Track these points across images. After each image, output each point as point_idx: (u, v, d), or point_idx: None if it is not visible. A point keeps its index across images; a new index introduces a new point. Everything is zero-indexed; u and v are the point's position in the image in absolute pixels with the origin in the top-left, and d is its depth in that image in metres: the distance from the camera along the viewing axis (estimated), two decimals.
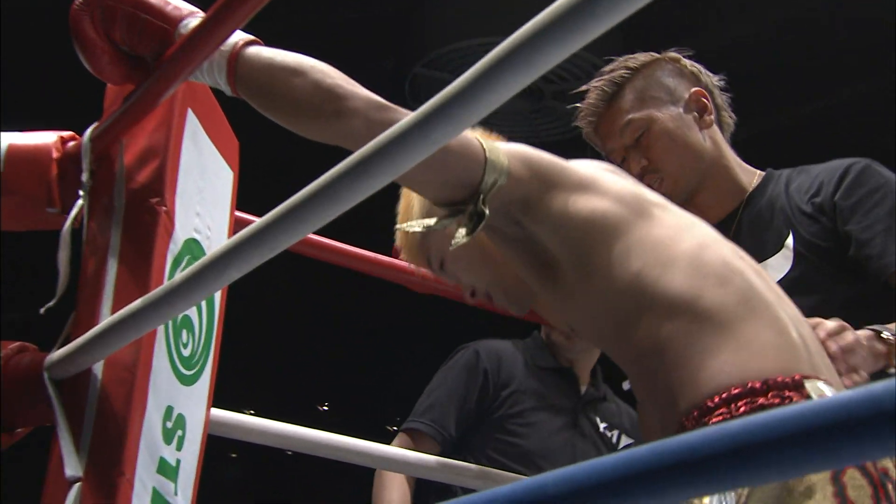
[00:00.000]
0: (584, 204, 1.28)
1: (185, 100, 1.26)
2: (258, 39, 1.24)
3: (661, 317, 1.19)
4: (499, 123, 4.76)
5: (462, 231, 1.26)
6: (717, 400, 1.11)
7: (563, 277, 1.30)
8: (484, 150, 1.25)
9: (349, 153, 0.91)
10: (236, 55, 1.22)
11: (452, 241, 1.25)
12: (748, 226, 1.74)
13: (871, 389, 0.46)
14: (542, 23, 0.72)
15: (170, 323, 1.21)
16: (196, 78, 1.23)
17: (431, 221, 1.28)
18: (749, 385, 1.11)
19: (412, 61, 4.53)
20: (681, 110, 1.80)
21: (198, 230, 1.28)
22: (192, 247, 1.26)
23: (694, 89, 1.81)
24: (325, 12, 4.58)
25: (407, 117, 0.83)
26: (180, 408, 1.23)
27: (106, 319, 1.10)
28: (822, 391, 1.12)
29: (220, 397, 1.38)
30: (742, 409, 1.09)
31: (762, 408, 1.09)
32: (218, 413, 1.51)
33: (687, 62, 1.86)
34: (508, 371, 2.36)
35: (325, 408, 6.84)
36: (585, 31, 0.70)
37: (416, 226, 1.30)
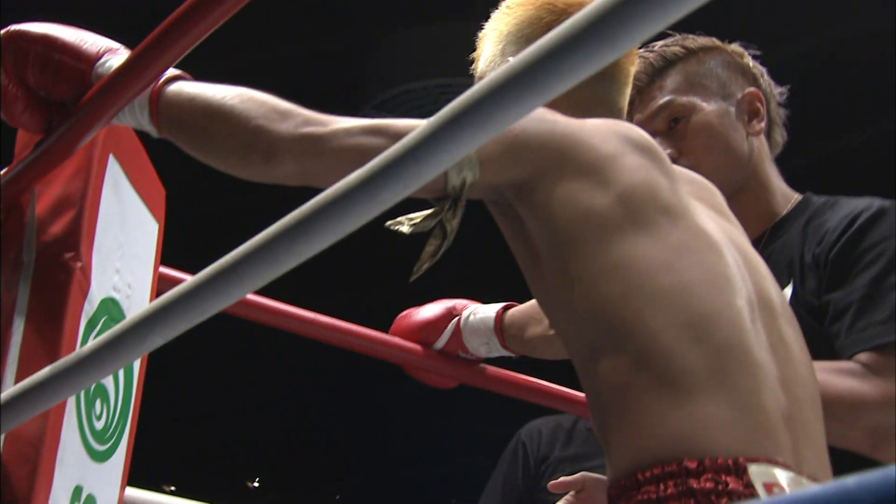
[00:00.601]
0: (583, 198, 1.20)
1: (107, 144, 1.25)
2: (184, 73, 1.24)
3: (626, 362, 1.14)
4: None
5: (433, 243, 1.25)
6: (647, 475, 1.09)
7: (543, 274, 1.25)
8: None
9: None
10: (157, 93, 1.21)
11: (425, 251, 1.26)
12: (766, 260, 1.66)
13: (843, 485, 0.45)
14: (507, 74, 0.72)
15: (81, 392, 1.20)
16: (118, 120, 1.23)
17: (417, 217, 1.26)
18: (684, 463, 1.07)
19: (362, 103, 4.56)
20: (730, 108, 1.73)
21: (117, 288, 1.28)
22: (110, 307, 1.26)
23: (750, 89, 1.75)
24: (271, 51, 4.60)
25: (355, 175, 0.81)
26: (90, 487, 1.21)
27: (9, 389, 1.08)
28: (774, 478, 1.08)
29: (136, 474, 1.36)
30: (670, 489, 1.06)
31: (692, 492, 1.06)
32: (134, 493, 1.49)
33: (750, 60, 1.79)
34: (548, 442, 2.41)
35: (256, 485, 6.76)
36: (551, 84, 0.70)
37: (403, 224, 1.28)
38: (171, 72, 1.22)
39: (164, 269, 1.47)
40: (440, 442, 6.45)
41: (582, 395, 1.88)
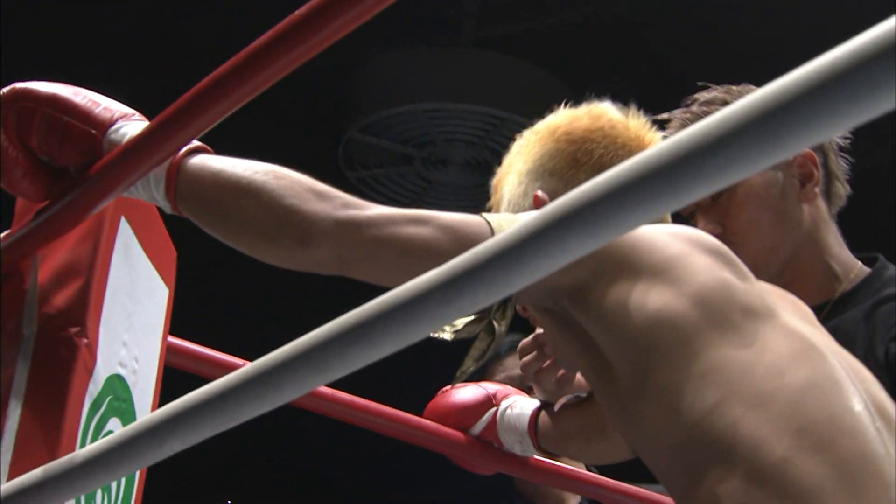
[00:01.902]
0: (653, 300, 1.05)
1: (119, 205, 1.10)
2: (204, 145, 1.10)
3: (738, 481, 0.96)
4: (442, 199, 4.66)
5: (483, 343, 1.13)
6: None
7: (618, 386, 1.08)
8: (492, 234, 1.06)
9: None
10: (177, 166, 1.06)
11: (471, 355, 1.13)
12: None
13: None
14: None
15: None
16: (128, 193, 1.07)
17: (460, 323, 1.14)
18: None
19: (348, 125, 4.42)
20: (779, 174, 1.54)
21: (123, 363, 1.12)
22: (115, 385, 1.11)
23: (804, 151, 1.54)
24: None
25: (431, 276, 0.67)
26: None
27: (2, 485, 0.93)
28: None
29: None
30: None
31: None
32: None
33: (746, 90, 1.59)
34: None
35: None
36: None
37: (444, 331, 1.15)
38: (191, 143, 1.08)
39: (171, 339, 1.32)
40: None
41: (641, 491, 1.74)
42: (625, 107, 1.37)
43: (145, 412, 1.16)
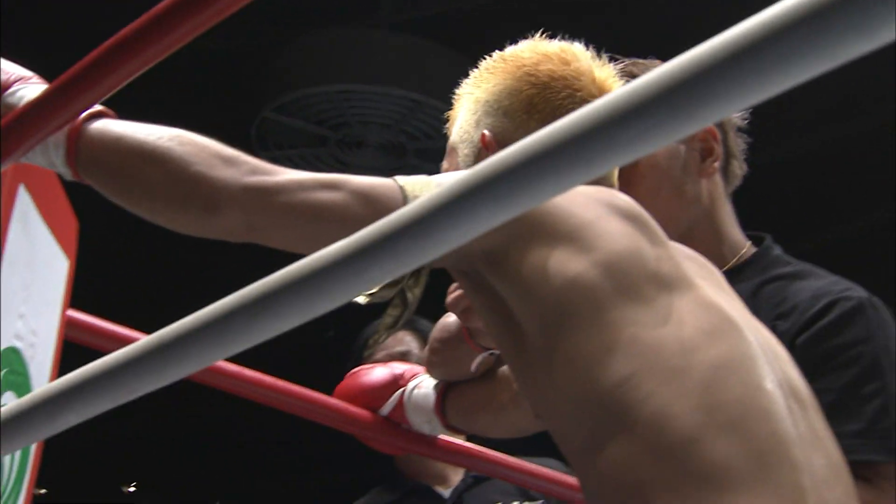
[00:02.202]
0: (566, 267, 1.02)
1: (17, 173, 1.05)
2: (107, 110, 1.05)
3: (640, 448, 0.94)
4: None
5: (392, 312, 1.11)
6: None
7: (528, 350, 1.06)
8: (405, 201, 1.03)
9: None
10: (77, 131, 1.01)
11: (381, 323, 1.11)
12: None
13: None
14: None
15: None
16: (26, 159, 1.03)
17: (373, 288, 1.10)
18: None
19: (261, 104, 4.35)
20: (682, 147, 1.53)
21: (20, 336, 1.08)
22: (11, 358, 1.06)
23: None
24: None
25: (339, 247, 0.64)
26: None
27: None
28: None
29: None
30: None
31: None
32: None
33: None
34: None
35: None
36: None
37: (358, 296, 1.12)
38: (93, 108, 1.03)
39: (72, 313, 1.27)
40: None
41: (539, 468, 1.72)
42: (597, 52, 1.32)
43: (42, 385, 1.12)
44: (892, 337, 1.39)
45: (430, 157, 4.47)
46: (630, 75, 1.51)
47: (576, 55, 1.28)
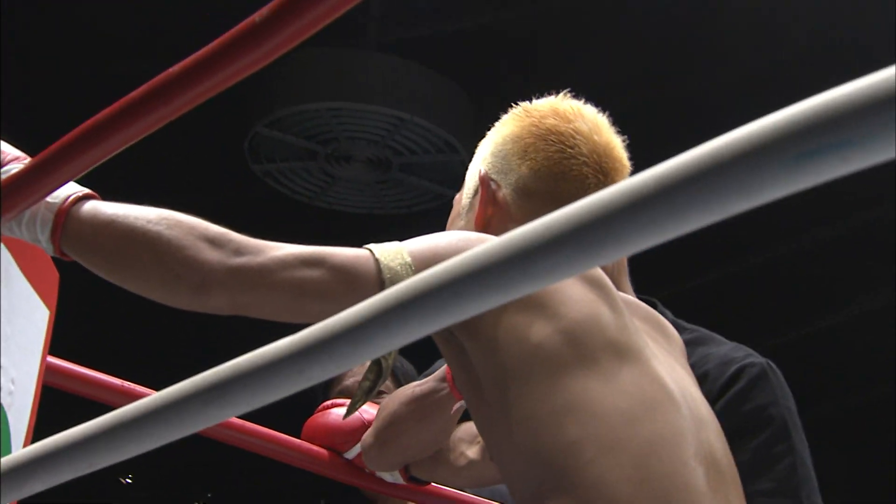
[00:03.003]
0: (530, 335, 1.06)
1: None
2: (93, 193, 1.07)
3: None
4: (345, 194, 4.63)
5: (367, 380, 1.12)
6: None
7: (487, 407, 1.10)
8: (380, 274, 1.06)
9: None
10: (66, 212, 1.04)
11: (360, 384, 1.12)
12: None
13: None
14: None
15: None
16: (10, 232, 1.04)
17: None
18: None
19: (254, 120, 4.36)
20: None
21: None
22: None
23: None
24: (166, 63, 4.37)
25: (281, 344, 0.66)
26: None
27: None
28: None
29: None
30: None
31: None
32: None
33: None
34: None
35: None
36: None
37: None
38: (79, 189, 1.06)
39: (52, 360, 1.28)
40: None
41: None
42: (614, 119, 1.33)
43: (20, 433, 1.13)
44: (790, 398, 1.48)
45: (413, 171, 4.50)
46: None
47: (581, 116, 1.30)
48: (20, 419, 1.13)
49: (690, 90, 4.33)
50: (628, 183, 0.49)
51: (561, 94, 1.34)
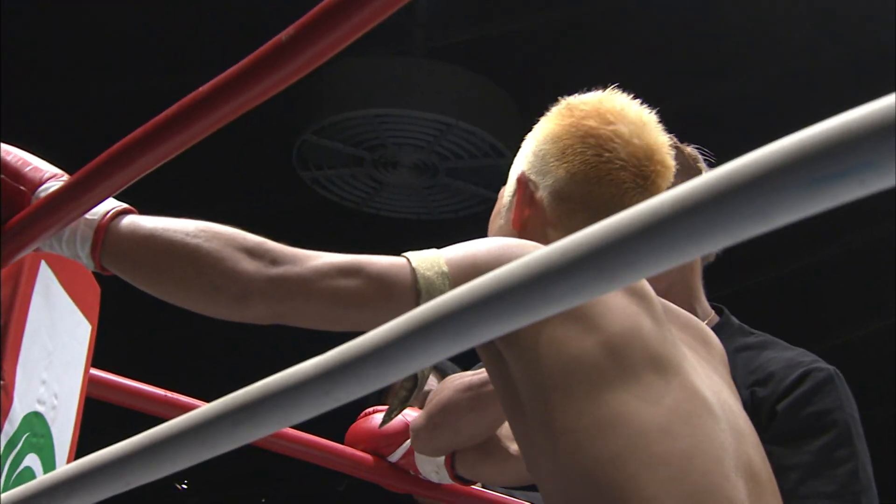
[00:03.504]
0: (569, 345, 1.05)
1: (39, 252, 1.08)
2: (131, 207, 1.08)
3: None
4: (392, 200, 4.64)
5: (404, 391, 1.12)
6: None
7: (527, 421, 1.09)
8: (417, 285, 1.05)
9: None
10: (105, 227, 1.05)
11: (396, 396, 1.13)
12: None
13: None
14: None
15: None
16: (51, 248, 1.06)
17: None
18: None
19: (302, 127, 4.38)
20: None
21: (41, 401, 1.10)
22: (33, 422, 1.09)
23: None
24: (209, 73, 4.40)
25: (308, 365, 0.66)
26: None
27: None
28: None
29: None
30: None
31: None
32: None
33: (704, 166, 1.61)
34: None
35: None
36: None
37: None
38: (117, 205, 1.07)
39: (95, 372, 1.30)
40: None
41: None
42: (660, 116, 1.29)
43: (65, 445, 1.15)
44: (855, 406, 1.48)
45: (460, 175, 4.49)
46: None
47: (623, 117, 1.25)
48: (64, 432, 1.15)
49: (741, 92, 4.29)
50: (646, 206, 0.49)
51: (609, 90, 1.29)
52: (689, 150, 1.63)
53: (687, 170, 1.58)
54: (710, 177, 0.46)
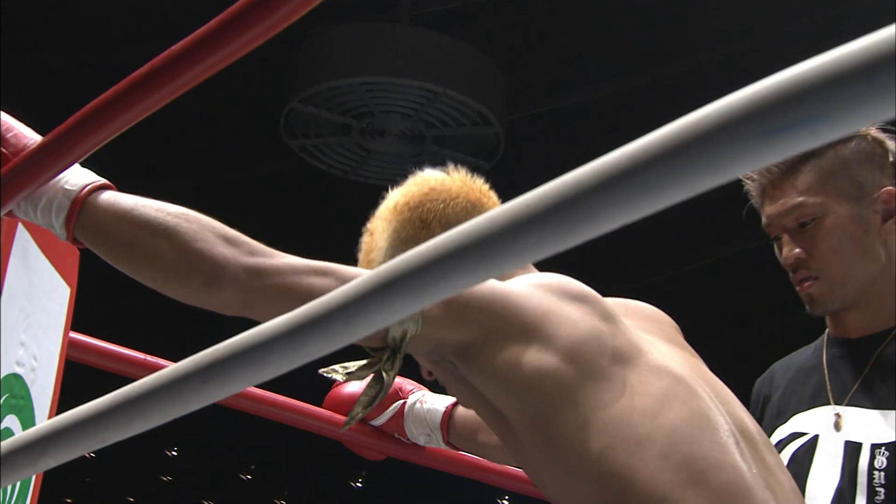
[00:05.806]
0: (529, 361, 1.09)
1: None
2: (110, 183, 1.08)
3: None
4: (380, 168, 4.63)
5: (371, 390, 1.13)
6: None
7: (516, 434, 1.13)
8: None
9: None
10: (83, 199, 1.04)
11: (359, 401, 1.13)
12: (886, 364, 1.46)
13: None
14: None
15: None
16: (25, 215, 1.05)
17: (353, 367, 1.15)
18: None
19: (289, 96, 4.37)
20: (864, 209, 1.52)
21: (20, 363, 1.10)
22: (13, 384, 1.08)
23: (887, 188, 1.52)
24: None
25: (278, 322, 0.67)
26: None
27: None
28: None
29: None
30: None
31: None
32: None
33: (893, 148, 1.55)
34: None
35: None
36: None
37: (337, 372, 1.18)
38: (97, 179, 1.07)
39: (74, 335, 1.29)
40: None
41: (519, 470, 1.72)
42: (443, 167, 1.39)
43: (45, 407, 1.15)
44: None
45: (447, 143, 4.49)
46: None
47: (425, 177, 1.36)
48: (43, 394, 1.15)
49: (723, 58, 4.28)
50: (602, 161, 0.49)
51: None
52: (873, 133, 1.55)
53: (871, 160, 1.53)
54: (664, 131, 0.46)
